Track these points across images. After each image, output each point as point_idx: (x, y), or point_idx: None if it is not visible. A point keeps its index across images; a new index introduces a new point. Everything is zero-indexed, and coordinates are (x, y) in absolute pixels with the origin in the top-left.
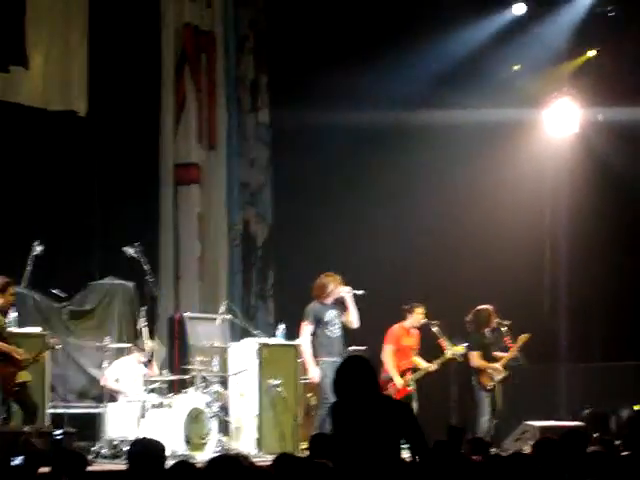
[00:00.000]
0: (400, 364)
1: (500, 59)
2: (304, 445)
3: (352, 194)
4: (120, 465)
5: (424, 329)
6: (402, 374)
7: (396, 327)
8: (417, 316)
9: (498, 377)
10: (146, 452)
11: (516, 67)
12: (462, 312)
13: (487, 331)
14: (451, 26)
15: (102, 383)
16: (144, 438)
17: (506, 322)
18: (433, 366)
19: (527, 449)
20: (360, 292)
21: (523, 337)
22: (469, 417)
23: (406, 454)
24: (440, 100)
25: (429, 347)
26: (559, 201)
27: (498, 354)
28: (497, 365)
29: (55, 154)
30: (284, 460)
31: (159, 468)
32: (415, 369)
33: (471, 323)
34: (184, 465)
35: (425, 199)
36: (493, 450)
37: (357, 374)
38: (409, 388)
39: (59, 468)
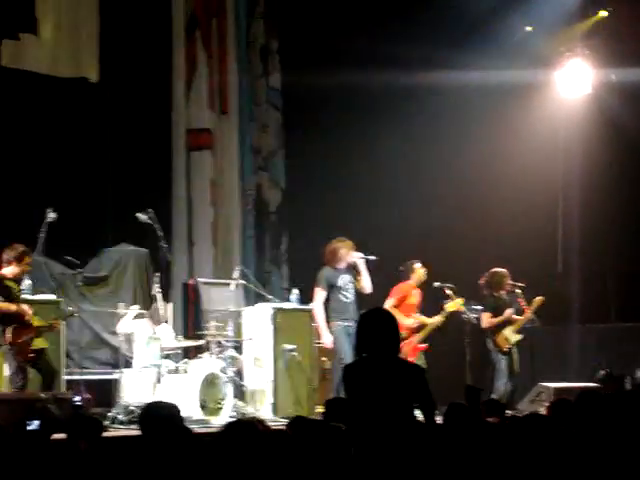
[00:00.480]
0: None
1: (512, 20)
2: (320, 409)
3: (365, 158)
4: (136, 431)
5: (438, 291)
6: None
7: (403, 285)
8: (419, 272)
9: (513, 338)
10: (160, 416)
11: (529, 28)
12: (476, 275)
13: (502, 293)
14: None
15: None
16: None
17: (520, 284)
18: (438, 319)
19: (542, 410)
20: (372, 257)
21: (537, 300)
22: (485, 379)
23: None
24: (452, 61)
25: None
26: (572, 162)
27: (513, 317)
28: (508, 329)
29: (66, 121)
30: (298, 423)
31: (175, 430)
32: (421, 326)
33: (485, 286)
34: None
35: (438, 162)
36: (508, 412)
37: (381, 326)
38: (421, 345)
39: (76, 434)
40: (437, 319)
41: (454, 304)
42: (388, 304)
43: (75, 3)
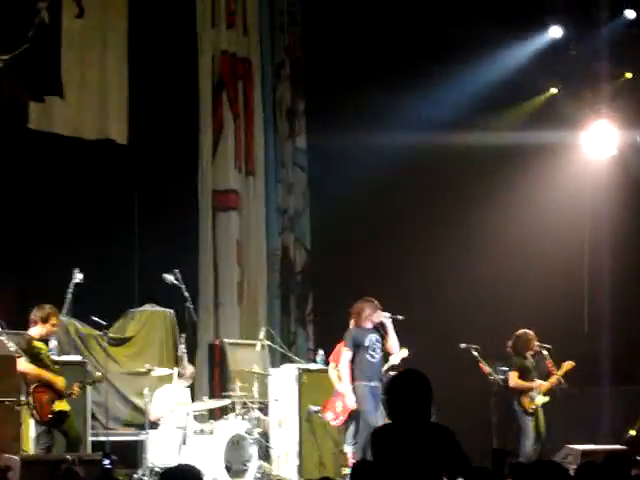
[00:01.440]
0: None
1: (537, 82)
2: (345, 471)
3: (388, 218)
4: None
5: (464, 353)
6: None
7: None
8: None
9: (540, 400)
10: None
11: (554, 90)
12: (502, 337)
13: (529, 355)
14: (487, 48)
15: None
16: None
17: (547, 346)
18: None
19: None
20: (400, 317)
21: (567, 364)
22: (510, 441)
23: None
24: (477, 123)
25: (471, 371)
26: (598, 224)
27: (540, 382)
28: (537, 383)
29: (93, 182)
30: None
31: None
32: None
33: (512, 347)
34: None
35: (464, 224)
36: None
37: (412, 389)
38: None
39: None
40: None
41: (399, 357)
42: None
43: (102, 64)
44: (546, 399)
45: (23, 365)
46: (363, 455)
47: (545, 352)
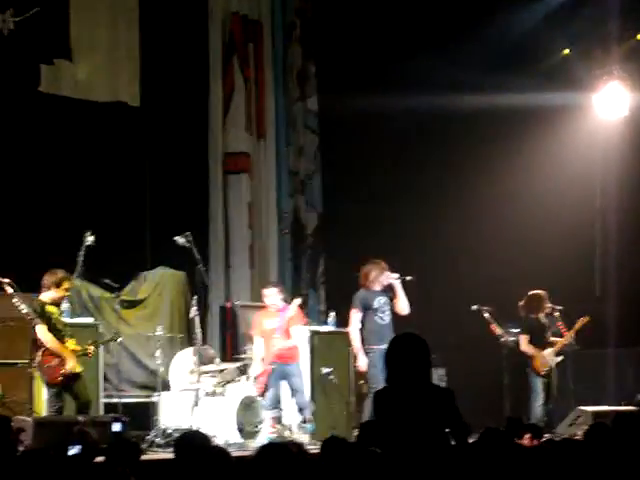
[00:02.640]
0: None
1: (550, 43)
2: (356, 432)
3: (401, 179)
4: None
5: (476, 315)
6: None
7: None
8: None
9: (552, 361)
10: (193, 445)
11: (566, 51)
12: (513, 298)
13: (541, 316)
14: (501, 10)
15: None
16: (191, 431)
17: (558, 307)
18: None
19: (580, 434)
20: (409, 278)
21: (581, 320)
22: (522, 403)
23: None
24: (490, 84)
25: (484, 333)
26: (609, 185)
27: (554, 339)
28: (547, 352)
29: (104, 144)
30: (332, 444)
31: (205, 460)
32: None
33: (523, 308)
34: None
35: (474, 185)
36: (546, 436)
37: (411, 351)
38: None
39: (114, 458)
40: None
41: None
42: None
43: (112, 27)
44: (558, 359)
45: (43, 334)
46: (370, 417)
47: (557, 314)
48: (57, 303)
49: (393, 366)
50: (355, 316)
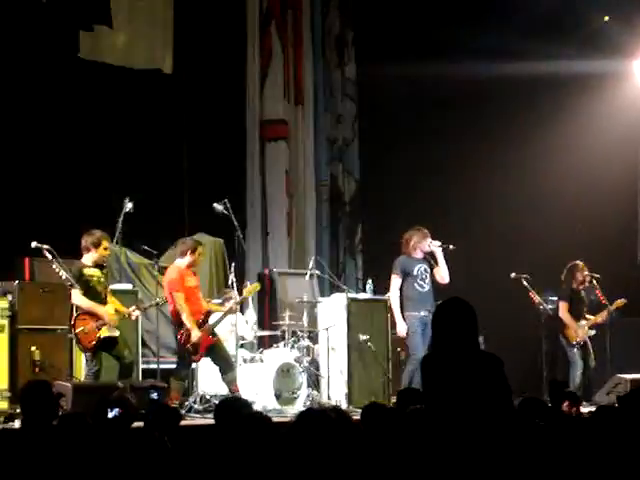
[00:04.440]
0: (192, 309)
1: (590, 10)
2: (394, 400)
3: (439, 148)
4: (212, 420)
5: (515, 283)
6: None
7: (174, 269)
8: (197, 257)
9: (583, 333)
10: (233, 410)
11: (605, 17)
12: (553, 265)
13: (580, 288)
14: None
15: None
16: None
17: (596, 275)
18: (232, 306)
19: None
20: (451, 247)
21: (619, 302)
22: (560, 371)
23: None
24: (529, 52)
25: (522, 300)
26: None
27: (589, 317)
28: (582, 324)
29: (142, 111)
30: (373, 410)
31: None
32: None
33: (564, 277)
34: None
35: (513, 153)
36: (585, 404)
37: (458, 317)
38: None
39: (152, 423)
40: (231, 308)
41: (252, 288)
42: (179, 298)
43: None
44: (591, 332)
45: (77, 297)
46: (409, 383)
47: (595, 281)
48: (100, 264)
49: (440, 332)
50: (395, 282)
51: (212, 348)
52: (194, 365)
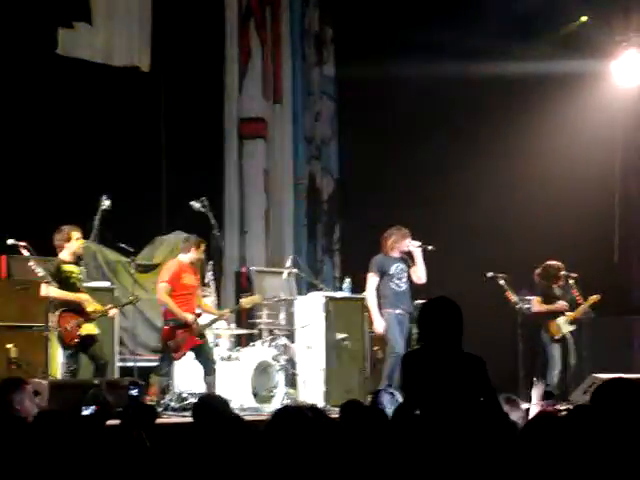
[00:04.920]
0: (183, 308)
1: (568, 9)
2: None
3: (417, 147)
4: (188, 418)
5: (491, 282)
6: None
7: (173, 262)
8: (200, 253)
9: (566, 328)
10: (210, 408)
11: (584, 18)
12: (529, 265)
13: (555, 287)
14: None
15: None
16: (209, 394)
17: (574, 275)
18: (226, 313)
19: None
20: (430, 247)
21: (593, 297)
22: (537, 371)
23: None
24: (507, 52)
25: (498, 300)
26: (629, 152)
27: (562, 303)
28: (561, 319)
29: (120, 109)
30: (352, 407)
31: (223, 423)
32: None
33: (539, 276)
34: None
35: (489, 153)
36: (562, 403)
37: (444, 315)
38: (201, 340)
39: (129, 421)
40: (225, 313)
41: (250, 300)
42: (163, 289)
43: None
44: (572, 327)
45: (46, 289)
46: (388, 381)
47: (571, 281)
48: (77, 258)
49: (425, 329)
50: (372, 280)
51: (198, 349)
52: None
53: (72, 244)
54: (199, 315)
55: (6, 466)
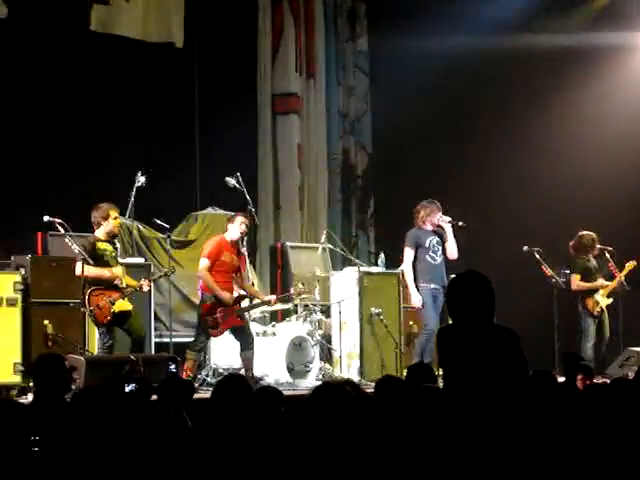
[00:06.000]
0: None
1: None
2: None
3: (453, 120)
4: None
5: (527, 255)
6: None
7: (215, 238)
8: (239, 226)
9: (604, 302)
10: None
11: None
12: (564, 239)
13: (591, 257)
14: None
15: None
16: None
17: (609, 248)
18: (272, 300)
19: (631, 375)
20: (460, 223)
21: (629, 265)
22: (573, 344)
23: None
24: (541, 25)
25: (533, 274)
26: None
27: (603, 282)
28: (598, 293)
29: (154, 85)
30: (387, 383)
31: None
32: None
33: (573, 248)
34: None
35: (524, 125)
36: (597, 377)
37: (475, 290)
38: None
39: (167, 396)
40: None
41: (298, 291)
42: (204, 266)
43: None
44: (609, 301)
45: (80, 268)
46: (420, 357)
47: (607, 254)
48: (113, 236)
49: (456, 305)
50: (407, 253)
51: (237, 329)
52: None
53: (109, 223)
54: (243, 298)
55: (44, 441)
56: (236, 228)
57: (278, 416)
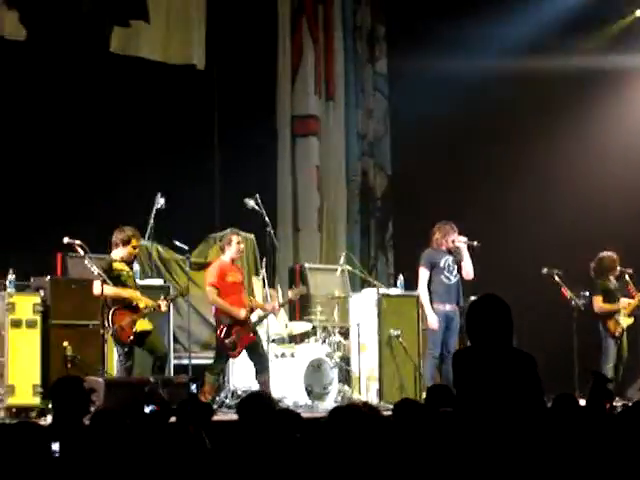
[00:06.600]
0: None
1: (621, 4)
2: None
3: (469, 144)
4: None
5: (546, 278)
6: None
7: (216, 264)
8: (236, 245)
9: (625, 323)
10: (256, 406)
11: (637, 12)
12: (585, 260)
13: (612, 278)
14: None
15: None
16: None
17: (629, 270)
18: (275, 307)
19: None
20: (475, 243)
21: None
22: (591, 365)
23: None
24: (560, 48)
25: (553, 296)
26: None
27: (625, 300)
28: (623, 303)
29: (174, 107)
30: (405, 406)
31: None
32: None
33: (594, 269)
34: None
35: (542, 150)
36: (616, 399)
37: (493, 314)
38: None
39: (186, 418)
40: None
41: (297, 292)
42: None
43: None
44: (631, 321)
45: (99, 288)
46: (433, 381)
47: (627, 276)
48: (127, 261)
49: (474, 328)
50: (423, 274)
51: (251, 346)
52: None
53: (128, 249)
54: (252, 311)
55: (63, 462)
56: (234, 248)
57: (295, 441)
